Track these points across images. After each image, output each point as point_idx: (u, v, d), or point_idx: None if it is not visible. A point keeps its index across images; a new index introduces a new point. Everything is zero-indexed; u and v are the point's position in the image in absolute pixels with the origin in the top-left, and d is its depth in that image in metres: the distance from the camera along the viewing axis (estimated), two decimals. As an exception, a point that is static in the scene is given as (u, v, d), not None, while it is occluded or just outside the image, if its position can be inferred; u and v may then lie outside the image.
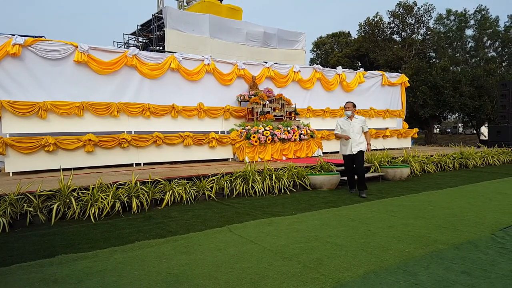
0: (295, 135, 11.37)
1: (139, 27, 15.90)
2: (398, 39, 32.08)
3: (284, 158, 11.23)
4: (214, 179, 7.72)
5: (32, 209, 5.86)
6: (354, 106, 7.81)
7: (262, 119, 11.38)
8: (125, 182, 6.81)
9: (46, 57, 9.39)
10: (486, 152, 13.50)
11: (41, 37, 9.62)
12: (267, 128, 10.94)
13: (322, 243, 4.59)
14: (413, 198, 7.52)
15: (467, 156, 12.69)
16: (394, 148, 15.13)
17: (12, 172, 8.41)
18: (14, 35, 9.18)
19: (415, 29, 31.15)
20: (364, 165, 10.09)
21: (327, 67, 14.64)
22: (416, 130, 16.50)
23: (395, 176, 9.82)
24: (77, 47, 9.61)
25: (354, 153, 7.70)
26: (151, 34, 15.46)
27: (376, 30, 31.37)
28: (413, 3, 30.04)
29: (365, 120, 7.91)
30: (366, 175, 9.73)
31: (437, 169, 11.62)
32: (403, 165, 10.14)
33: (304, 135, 11.59)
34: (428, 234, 4.88)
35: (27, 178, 7.82)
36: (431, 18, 31.26)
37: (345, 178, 8.69)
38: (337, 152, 13.42)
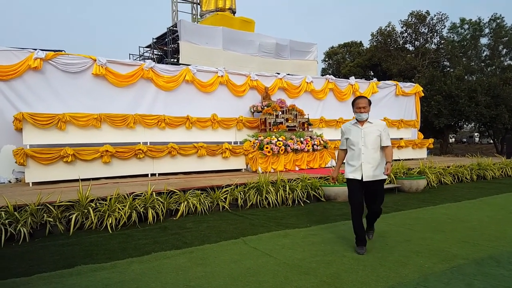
0: (308, 146, 11.36)
1: (154, 40, 16.23)
2: (411, 48, 31.89)
3: (297, 168, 11.21)
4: (228, 190, 7.75)
5: (51, 219, 5.97)
6: (370, 104, 4.71)
7: (275, 130, 11.42)
8: (141, 193, 6.90)
9: (66, 70, 9.67)
10: (504, 163, 13.22)
11: (61, 51, 9.92)
12: (280, 138, 10.97)
13: (339, 257, 4.55)
14: (430, 210, 7.39)
15: (485, 167, 12.44)
16: (409, 159, 14.95)
17: (32, 182, 8.60)
18: (36, 49, 9.48)
19: (428, 38, 30.94)
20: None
21: (339, 77, 14.67)
22: (431, 140, 16.29)
23: (411, 188, 9.69)
24: (95, 60, 9.87)
25: (368, 179, 4.59)
26: (166, 47, 15.75)
27: (389, 40, 31.26)
28: (426, 12, 29.90)
29: (386, 127, 4.72)
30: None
31: (454, 181, 11.40)
32: (419, 177, 10.00)
33: (317, 146, 11.57)
34: (448, 249, 4.79)
35: (46, 188, 7.98)
36: (444, 27, 31.06)
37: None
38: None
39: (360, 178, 4.59)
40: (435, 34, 30.76)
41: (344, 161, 5.02)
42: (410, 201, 8.47)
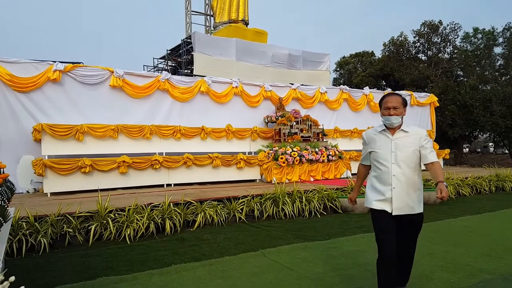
0: (323, 156, 11.30)
1: (168, 52, 16.46)
2: (423, 58, 31.68)
3: (312, 179, 11.14)
4: (244, 201, 7.73)
5: (71, 230, 6.02)
6: (405, 104, 3.38)
7: (289, 140, 11.40)
8: (159, 204, 6.92)
9: (84, 82, 9.85)
10: (523, 174, 12.94)
11: (80, 63, 10.11)
12: (294, 149, 10.94)
13: (361, 271, 4.47)
14: (450, 223, 7.25)
15: (503, 179, 12.19)
16: (425, 170, 14.72)
17: (50, 193, 8.70)
18: (55, 61, 9.69)
19: (441, 48, 30.70)
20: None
21: (350, 87, 14.64)
22: (447, 151, 16.05)
23: (429, 199, 9.53)
24: (113, 72, 10.04)
25: (401, 213, 3.23)
26: (180, 58, 15.95)
27: (401, 49, 31.10)
28: (438, 22, 29.75)
29: (427, 136, 3.40)
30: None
31: (472, 192, 11.19)
32: (437, 188, 9.82)
33: (332, 156, 11.50)
34: (472, 263, 4.68)
35: (64, 198, 8.07)
36: (457, 37, 30.78)
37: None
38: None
39: (390, 211, 3.18)
40: (448, 43, 30.52)
41: (367, 179, 3.60)
42: (429, 213, 8.31)
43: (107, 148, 9.54)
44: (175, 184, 10.07)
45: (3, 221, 2.92)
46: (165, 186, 9.97)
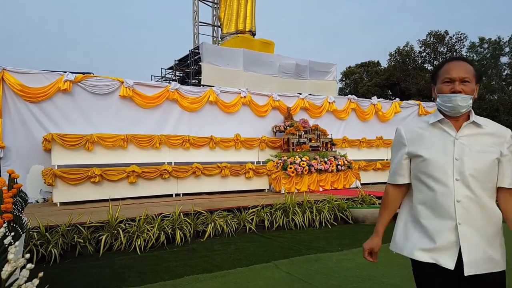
0: (332, 166, 11.23)
1: (176, 62, 16.60)
2: (430, 67, 31.71)
3: (321, 189, 11.06)
4: (254, 211, 7.66)
5: (81, 240, 5.99)
6: (478, 79, 1.95)
7: (298, 150, 11.35)
8: (169, 214, 6.88)
9: (94, 92, 9.92)
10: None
11: (90, 73, 10.20)
12: (303, 158, 10.88)
13: (377, 283, 4.39)
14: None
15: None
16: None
17: (60, 203, 8.70)
18: (66, 72, 9.78)
19: (448, 58, 30.79)
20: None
21: (356, 96, 14.64)
22: (456, 161, 15.89)
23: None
24: (122, 82, 10.11)
25: (474, 271, 1.76)
26: (188, 68, 16.06)
27: (407, 59, 31.21)
28: (444, 32, 29.89)
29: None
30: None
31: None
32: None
33: (341, 166, 11.43)
34: None
35: (74, 208, 8.06)
36: (463, 47, 30.88)
37: None
38: (377, 183, 13.17)
39: (451, 267, 1.82)
40: (455, 53, 30.56)
41: (399, 211, 2.22)
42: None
43: (116, 157, 9.54)
44: (183, 194, 10.03)
45: (21, 232, 2.90)
46: (173, 195, 9.94)
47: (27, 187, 9.25)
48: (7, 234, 2.27)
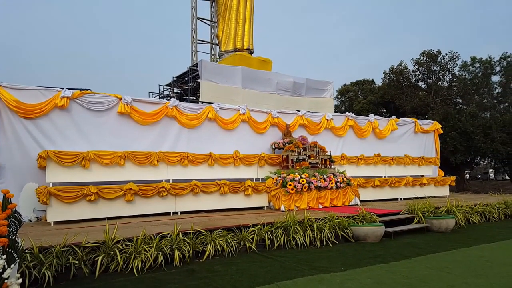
0: (332, 183, 11.14)
1: (174, 79, 16.60)
2: (423, 86, 32.06)
3: (320, 206, 10.93)
4: (254, 230, 7.50)
5: (76, 262, 5.77)
6: None
7: (297, 167, 11.27)
8: (168, 233, 6.70)
9: (91, 109, 9.82)
10: (532, 202, 12.76)
11: (88, 89, 10.12)
12: (303, 175, 10.79)
13: (385, 305, 4.25)
14: (465, 252, 7.07)
15: (511, 206, 12.04)
16: (432, 197, 14.54)
17: (54, 222, 8.46)
18: (63, 88, 9.69)
19: (441, 76, 31.15)
20: (406, 215, 9.70)
21: (352, 114, 14.73)
22: (453, 178, 15.98)
23: (440, 227, 9.32)
24: (121, 99, 10.04)
25: None
26: (186, 85, 16.06)
27: (401, 78, 31.53)
28: (437, 51, 30.32)
29: None
30: (410, 226, 9.30)
31: (481, 220, 11.00)
32: (448, 216, 9.64)
33: (340, 183, 11.34)
34: (501, 297, 4.46)
35: (68, 228, 7.83)
36: (456, 66, 31.29)
37: (390, 229, 8.35)
38: (376, 200, 13.11)
39: None
40: (447, 72, 31.01)
41: None
42: (442, 241, 8.14)
43: (113, 175, 9.37)
44: (181, 212, 9.84)
45: (17, 257, 2.73)
46: (171, 214, 9.74)
47: (20, 206, 9.01)
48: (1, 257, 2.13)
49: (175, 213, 9.77)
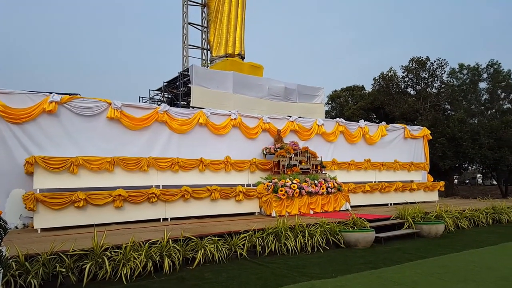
0: (323, 188, 11.16)
1: (165, 84, 16.53)
2: (412, 92, 32.49)
3: (311, 212, 10.93)
4: (245, 236, 7.45)
5: (63, 270, 5.65)
6: None
7: (288, 172, 11.27)
8: (157, 240, 6.61)
9: (80, 114, 9.70)
10: (519, 207, 12.96)
11: (77, 94, 10.00)
12: (294, 181, 10.79)
13: (377, 311, 4.24)
14: (455, 257, 7.14)
15: (499, 211, 12.20)
16: (421, 202, 14.65)
17: (41, 229, 8.30)
18: (51, 93, 9.56)
19: (429, 83, 31.61)
20: (396, 221, 9.76)
21: (342, 119, 14.83)
22: (442, 183, 16.16)
23: (430, 233, 9.39)
24: (110, 104, 9.94)
25: None
26: (177, 90, 16.00)
27: (391, 84, 31.91)
28: (426, 58, 30.78)
29: None
30: (400, 232, 9.35)
31: (470, 225, 11.12)
32: (438, 221, 9.72)
33: (331, 188, 11.37)
34: (490, 302, 4.50)
35: (55, 235, 7.69)
36: (444, 72, 31.80)
37: (381, 235, 8.40)
38: (366, 206, 13.18)
39: None
40: (436, 78, 31.48)
41: None
42: (432, 247, 8.20)
43: (102, 181, 9.24)
44: (172, 218, 9.74)
45: (1, 267, 2.65)
46: (161, 220, 9.63)
47: (6, 212, 8.83)
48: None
49: (165, 219, 9.67)
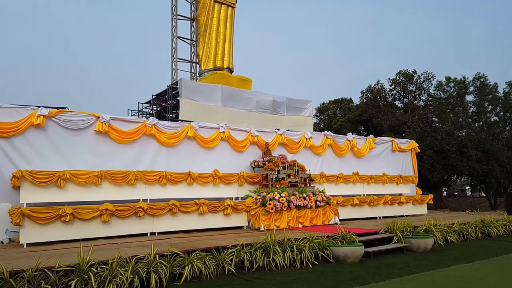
0: (311, 202, 11.20)
1: (154, 96, 16.57)
2: (400, 105, 32.99)
3: (300, 225, 10.94)
4: (234, 251, 7.42)
5: (49, 286, 5.56)
6: None
7: (277, 186, 11.30)
8: (144, 256, 6.55)
9: (68, 127, 9.66)
10: (507, 220, 13.13)
11: (65, 108, 9.96)
12: (282, 194, 10.82)
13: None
14: (444, 273, 7.15)
15: (488, 224, 12.31)
16: (410, 215, 14.76)
17: (27, 244, 8.16)
18: (39, 106, 9.51)
19: (417, 96, 32.18)
20: (385, 235, 9.80)
21: (330, 132, 14.98)
22: (431, 196, 16.31)
23: (419, 247, 9.44)
24: (98, 117, 9.92)
25: None
26: (165, 103, 16.03)
27: (378, 97, 32.38)
28: (413, 71, 31.38)
29: None
30: (389, 246, 9.39)
31: (459, 239, 11.18)
32: (427, 236, 9.79)
33: (320, 202, 11.41)
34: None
35: (42, 250, 7.56)
36: (431, 85, 32.43)
37: (370, 249, 8.42)
38: (355, 219, 13.23)
39: None
40: (423, 91, 32.04)
41: None
42: (421, 261, 8.23)
43: (89, 195, 9.16)
44: (159, 233, 9.66)
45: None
46: (148, 234, 9.55)
47: (-8, 227, 8.69)
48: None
49: (152, 233, 9.58)
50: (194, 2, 19.38)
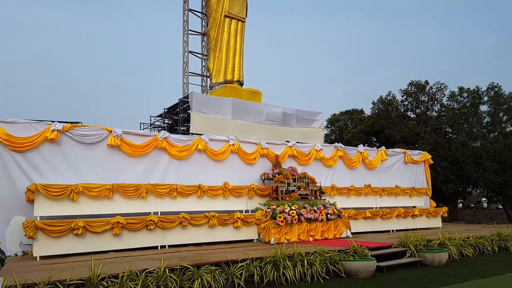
0: (322, 215, 11.10)
1: (165, 110, 16.79)
2: (412, 115, 32.68)
3: (311, 239, 10.83)
4: (243, 265, 7.38)
5: (60, 300, 5.61)
6: None
7: (287, 198, 11.24)
8: (154, 269, 6.57)
9: (81, 141, 9.87)
10: (525, 233, 12.74)
11: (78, 122, 10.18)
12: (293, 207, 10.75)
13: None
14: (459, 288, 6.98)
15: (505, 238, 11.97)
16: (424, 228, 14.48)
17: (40, 256, 8.28)
18: (54, 121, 9.74)
19: (429, 106, 31.84)
20: (398, 249, 9.62)
21: (342, 143, 14.88)
22: (445, 209, 15.99)
23: (433, 261, 9.23)
24: (111, 131, 10.11)
25: None
26: (176, 116, 16.21)
27: (390, 108, 32.14)
28: (425, 82, 31.12)
29: None
30: (402, 260, 9.20)
31: (475, 253, 10.89)
32: (441, 250, 9.57)
33: (331, 215, 11.30)
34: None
35: (54, 263, 7.65)
36: (444, 96, 32.07)
37: (382, 264, 8.26)
38: (368, 232, 13.04)
39: None
40: (436, 102, 31.70)
41: None
42: (435, 276, 8.04)
43: (101, 208, 9.29)
44: (169, 246, 9.69)
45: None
46: (159, 247, 9.58)
47: (7, 239, 8.88)
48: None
49: (163, 246, 9.61)
50: (205, 18, 19.72)
